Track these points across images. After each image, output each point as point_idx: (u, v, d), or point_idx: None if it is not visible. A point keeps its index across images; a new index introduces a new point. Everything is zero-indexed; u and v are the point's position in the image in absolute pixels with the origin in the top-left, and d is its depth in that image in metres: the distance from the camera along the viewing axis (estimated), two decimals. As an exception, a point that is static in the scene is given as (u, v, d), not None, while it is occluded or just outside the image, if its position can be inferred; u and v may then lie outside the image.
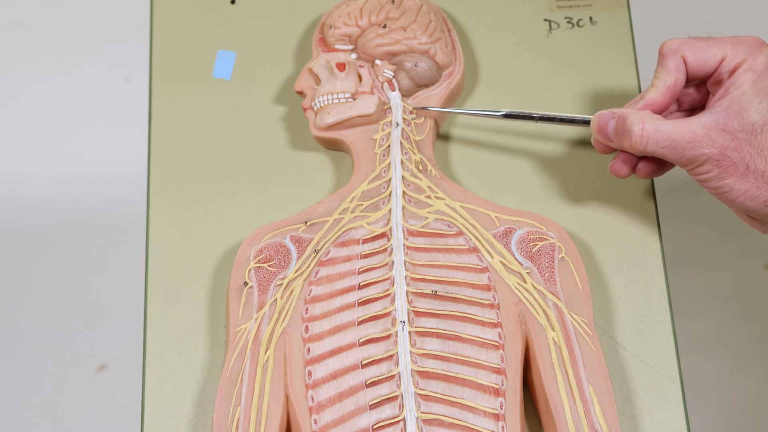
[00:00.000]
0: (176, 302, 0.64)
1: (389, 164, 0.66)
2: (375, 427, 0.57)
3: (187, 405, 0.61)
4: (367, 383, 0.58)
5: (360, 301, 0.60)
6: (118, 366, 1.17)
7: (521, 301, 0.60)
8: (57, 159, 1.28)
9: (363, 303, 0.60)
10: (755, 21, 1.28)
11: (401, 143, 0.67)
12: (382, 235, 0.63)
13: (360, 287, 0.61)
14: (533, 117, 0.65)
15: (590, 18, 0.74)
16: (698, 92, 0.63)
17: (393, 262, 0.62)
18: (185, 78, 0.73)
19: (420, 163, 0.66)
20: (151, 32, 0.75)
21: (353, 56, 0.70)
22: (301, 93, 0.70)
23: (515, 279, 0.61)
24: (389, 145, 0.67)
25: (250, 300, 0.61)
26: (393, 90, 0.69)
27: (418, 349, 0.58)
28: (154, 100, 0.72)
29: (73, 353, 1.17)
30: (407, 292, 0.60)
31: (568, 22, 0.74)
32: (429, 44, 0.69)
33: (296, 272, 0.62)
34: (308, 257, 0.63)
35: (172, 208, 0.68)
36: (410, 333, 0.59)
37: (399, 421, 0.56)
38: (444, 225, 0.64)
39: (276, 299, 0.61)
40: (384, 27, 0.69)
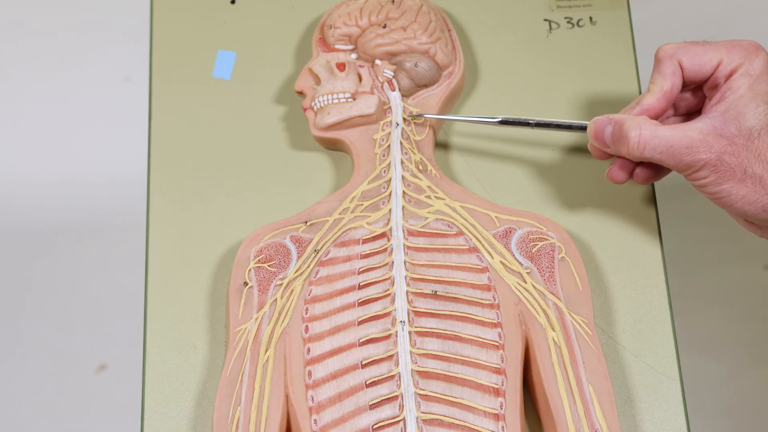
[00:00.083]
0: (176, 302, 0.64)
1: (389, 164, 0.66)
2: (375, 427, 0.56)
3: (187, 405, 0.61)
4: (367, 383, 0.58)
5: (360, 301, 0.60)
6: (118, 366, 1.17)
7: (521, 301, 0.60)
8: (57, 159, 1.28)
9: (363, 303, 0.60)
10: (755, 21, 1.28)
11: (401, 143, 0.67)
12: (382, 235, 0.63)
13: (360, 287, 0.61)
14: (530, 123, 0.65)
15: (590, 18, 0.74)
16: (695, 97, 0.62)
17: (393, 262, 0.62)
18: (185, 78, 0.73)
19: (420, 163, 0.66)
20: (151, 32, 0.75)
21: (353, 56, 0.70)
22: (301, 93, 0.70)
23: (515, 279, 0.61)
24: (389, 145, 0.67)
25: (250, 300, 0.61)
26: (393, 90, 0.69)
27: (418, 349, 0.58)
28: (154, 100, 0.72)
29: (73, 353, 1.17)
30: (407, 292, 0.60)
31: (568, 22, 0.74)
32: (429, 44, 0.69)
33: (296, 272, 0.62)
34: (308, 257, 0.63)
35: (172, 208, 0.68)
36: (410, 333, 0.59)
37: (399, 421, 0.56)
38: (444, 225, 0.64)
39: (276, 299, 0.61)
40: (384, 27, 0.69)
